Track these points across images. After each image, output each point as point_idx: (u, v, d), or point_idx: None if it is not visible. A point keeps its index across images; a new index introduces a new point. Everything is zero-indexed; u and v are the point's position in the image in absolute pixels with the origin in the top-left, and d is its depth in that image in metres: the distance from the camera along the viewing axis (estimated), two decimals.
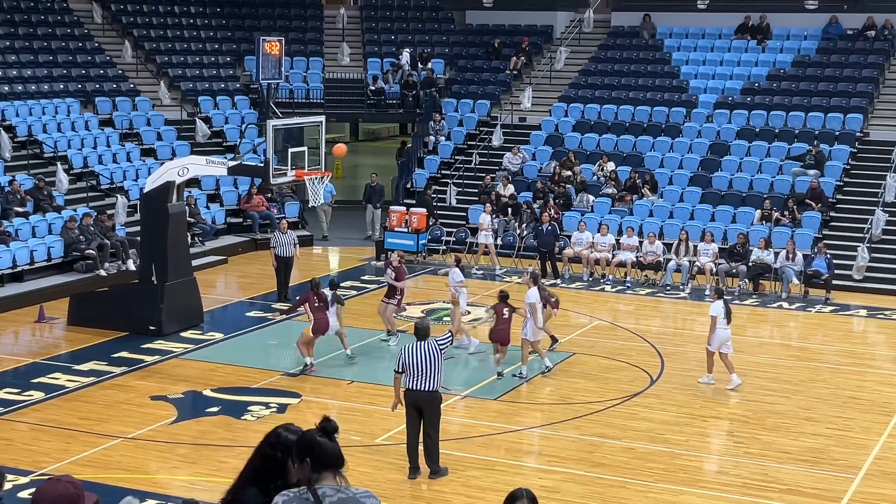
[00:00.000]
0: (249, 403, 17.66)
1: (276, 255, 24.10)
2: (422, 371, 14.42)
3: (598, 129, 33.09)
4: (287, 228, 24.78)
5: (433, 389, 14.49)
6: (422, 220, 29.10)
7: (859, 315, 24.51)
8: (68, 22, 35.43)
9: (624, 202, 29.82)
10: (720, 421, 17.39)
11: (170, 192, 21.80)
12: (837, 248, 26.97)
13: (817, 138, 30.49)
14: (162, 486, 14.48)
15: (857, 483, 14.94)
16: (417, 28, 39.62)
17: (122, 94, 33.28)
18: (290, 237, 24.31)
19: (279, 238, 24.23)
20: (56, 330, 22.22)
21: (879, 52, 33.84)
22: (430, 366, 14.40)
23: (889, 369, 20.76)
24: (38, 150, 29.63)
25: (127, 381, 18.88)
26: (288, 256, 24.11)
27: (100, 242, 25.43)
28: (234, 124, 33.83)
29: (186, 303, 22.18)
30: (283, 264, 24.16)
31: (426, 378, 14.43)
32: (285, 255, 24.06)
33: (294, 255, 24.29)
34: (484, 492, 14.32)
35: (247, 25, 38.27)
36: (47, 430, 16.41)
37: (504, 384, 18.83)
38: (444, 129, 34.36)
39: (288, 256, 24.11)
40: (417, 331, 14.77)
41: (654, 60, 35.73)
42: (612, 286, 26.56)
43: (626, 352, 20.76)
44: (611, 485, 14.62)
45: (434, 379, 14.46)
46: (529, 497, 5.72)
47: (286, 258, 24.11)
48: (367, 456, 15.33)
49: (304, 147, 22.34)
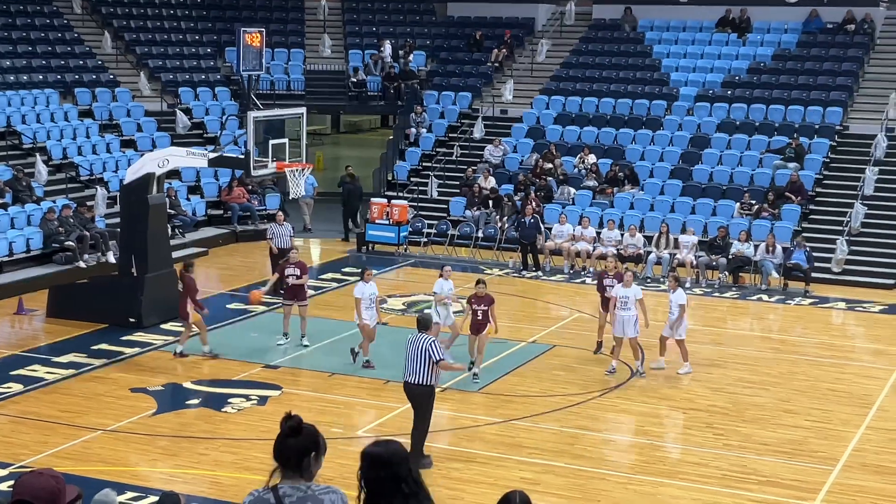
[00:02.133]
0: (230, 396, 17.62)
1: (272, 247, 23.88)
2: (411, 363, 14.50)
3: (579, 121, 33.14)
4: (284, 220, 24.44)
5: (420, 383, 14.51)
6: (403, 212, 29.09)
7: (838, 308, 24.63)
8: (48, 12, 35.23)
9: (605, 195, 29.88)
10: (700, 413, 17.44)
11: (150, 184, 21.71)
12: (817, 241, 27.10)
13: (797, 131, 30.62)
14: (142, 478, 14.44)
15: (836, 475, 15.03)
16: (399, 20, 39.55)
17: (102, 84, 33.13)
18: (287, 228, 24.06)
19: (276, 230, 23.99)
20: (35, 322, 22.12)
21: (859, 46, 33.98)
22: (418, 359, 14.43)
23: (867, 362, 20.87)
24: (17, 140, 29.48)
25: (107, 373, 18.81)
26: (286, 248, 23.48)
27: (79, 234, 25.32)
28: (214, 116, 33.71)
29: (167, 295, 22.07)
30: (282, 257, 23.70)
31: (413, 371, 14.49)
32: (283, 247, 23.55)
33: (292, 247, 23.76)
34: (465, 484, 14.34)
35: (228, 16, 38.13)
36: (26, 423, 16.34)
37: (486, 376, 18.84)
38: (425, 121, 34.34)
39: (286, 248, 23.48)
40: (418, 323, 14.95)
41: (636, 53, 35.79)
42: (593, 278, 26.58)
43: (607, 344, 20.79)
44: (591, 477, 14.66)
45: (421, 372, 14.46)
46: (523, 500, 5.63)
47: (284, 249, 23.62)
48: (348, 448, 15.31)
49: (285, 139, 22.27)
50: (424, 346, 14.46)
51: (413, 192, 31.61)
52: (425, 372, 14.48)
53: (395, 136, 35.50)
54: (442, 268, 20.17)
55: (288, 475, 5.02)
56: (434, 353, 14.44)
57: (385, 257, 28.47)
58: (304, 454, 5.01)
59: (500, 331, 19.18)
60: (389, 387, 18.19)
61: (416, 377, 14.51)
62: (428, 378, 14.54)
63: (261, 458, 14.59)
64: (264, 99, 31.37)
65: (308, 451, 5.02)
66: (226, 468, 14.69)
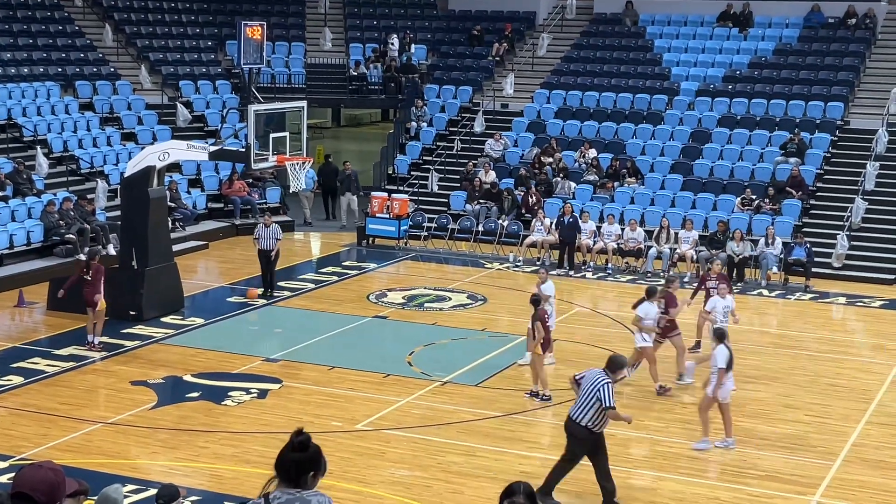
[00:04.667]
0: (230, 389, 17.63)
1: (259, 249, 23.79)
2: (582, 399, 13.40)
3: (580, 115, 33.12)
4: (271, 222, 24.17)
5: (581, 423, 13.33)
6: (403, 205, 29.09)
7: (838, 303, 24.63)
8: (48, 5, 35.20)
9: (605, 189, 29.87)
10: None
11: (150, 177, 21.71)
12: (817, 236, 27.10)
13: (798, 126, 30.60)
14: (142, 471, 14.45)
15: (835, 469, 15.04)
16: (400, 13, 39.52)
17: (103, 77, 33.12)
18: (273, 231, 23.70)
19: (262, 231, 23.77)
20: (35, 314, 22.14)
21: (860, 41, 33.95)
22: (588, 398, 13.28)
23: (867, 357, 20.89)
24: (18, 133, 29.46)
25: (107, 366, 18.83)
26: (269, 250, 23.49)
27: (80, 227, 25.33)
28: (215, 109, 33.70)
29: (167, 288, 22.12)
30: (265, 258, 23.57)
31: (580, 409, 13.37)
32: (267, 249, 23.49)
33: (277, 249, 23.56)
34: (464, 478, 14.35)
35: (229, 9, 38.10)
36: (26, 415, 16.35)
37: (484, 370, 18.84)
38: (426, 115, 34.33)
39: (269, 250, 23.49)
40: (609, 361, 13.70)
41: (636, 48, 35.75)
42: (594, 273, 26.61)
43: (607, 338, 20.80)
44: (591, 471, 14.64)
45: (586, 413, 13.26)
46: (526, 492, 5.60)
47: (267, 251, 23.54)
48: (348, 442, 15.34)
49: (285, 132, 22.25)
50: (598, 386, 13.18)
51: (413, 185, 31.59)
52: (591, 414, 13.22)
53: (396, 130, 35.49)
54: (538, 272, 19.99)
55: (282, 486, 5.10)
56: (605, 398, 13.13)
57: (385, 251, 28.49)
58: (304, 471, 5.10)
59: (501, 326, 19.18)
60: (389, 381, 18.21)
61: (581, 416, 13.30)
62: (591, 421, 13.28)
63: (260, 452, 14.61)
64: (265, 92, 31.35)
65: (308, 469, 5.11)
66: (225, 461, 14.70)
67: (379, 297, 23.76)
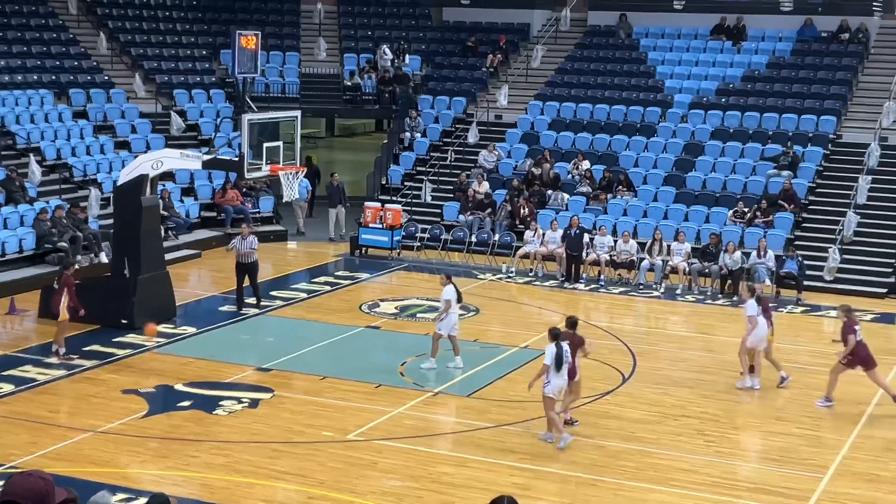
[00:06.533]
0: (221, 398, 17.60)
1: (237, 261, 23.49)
2: None
3: (573, 127, 33.17)
4: (249, 233, 23.64)
5: None
6: (396, 216, 29.10)
7: (830, 316, 24.64)
8: (43, 13, 35.20)
9: (598, 201, 29.90)
10: (691, 420, 17.45)
11: (143, 186, 21.70)
12: (809, 249, 27.14)
13: (791, 140, 30.69)
14: (132, 480, 14.41)
15: (826, 482, 15.05)
16: (394, 24, 39.57)
17: (97, 86, 33.11)
18: (250, 242, 23.28)
19: (238, 242, 23.38)
20: (27, 322, 22.09)
21: (853, 55, 34.06)
22: None
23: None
24: (11, 141, 29.43)
25: (98, 374, 18.79)
26: (244, 262, 23.22)
27: (72, 235, 25.29)
28: (209, 118, 33.69)
29: (159, 296, 22.09)
30: (241, 271, 23.27)
31: None
32: (244, 262, 23.24)
33: (255, 261, 23.29)
34: (455, 489, 14.34)
35: (223, 19, 38.13)
36: (17, 423, 16.29)
37: (477, 380, 18.84)
38: (419, 125, 34.36)
39: (244, 262, 23.22)
40: None
41: (630, 60, 35.84)
42: (586, 284, 26.62)
43: (599, 350, 20.79)
44: (582, 483, 14.67)
45: None
46: None
47: (244, 265, 23.26)
48: (339, 452, 15.31)
49: (279, 142, 22.25)
50: None
51: (407, 196, 31.61)
52: None
53: (390, 141, 35.52)
54: (440, 276, 20.27)
55: None
56: None
57: (378, 261, 28.49)
58: None
59: (493, 336, 19.17)
60: (381, 391, 18.19)
61: None
62: None
63: (251, 461, 14.58)
64: (259, 102, 31.25)
65: None
66: (216, 471, 14.67)
67: (371, 308, 23.76)
